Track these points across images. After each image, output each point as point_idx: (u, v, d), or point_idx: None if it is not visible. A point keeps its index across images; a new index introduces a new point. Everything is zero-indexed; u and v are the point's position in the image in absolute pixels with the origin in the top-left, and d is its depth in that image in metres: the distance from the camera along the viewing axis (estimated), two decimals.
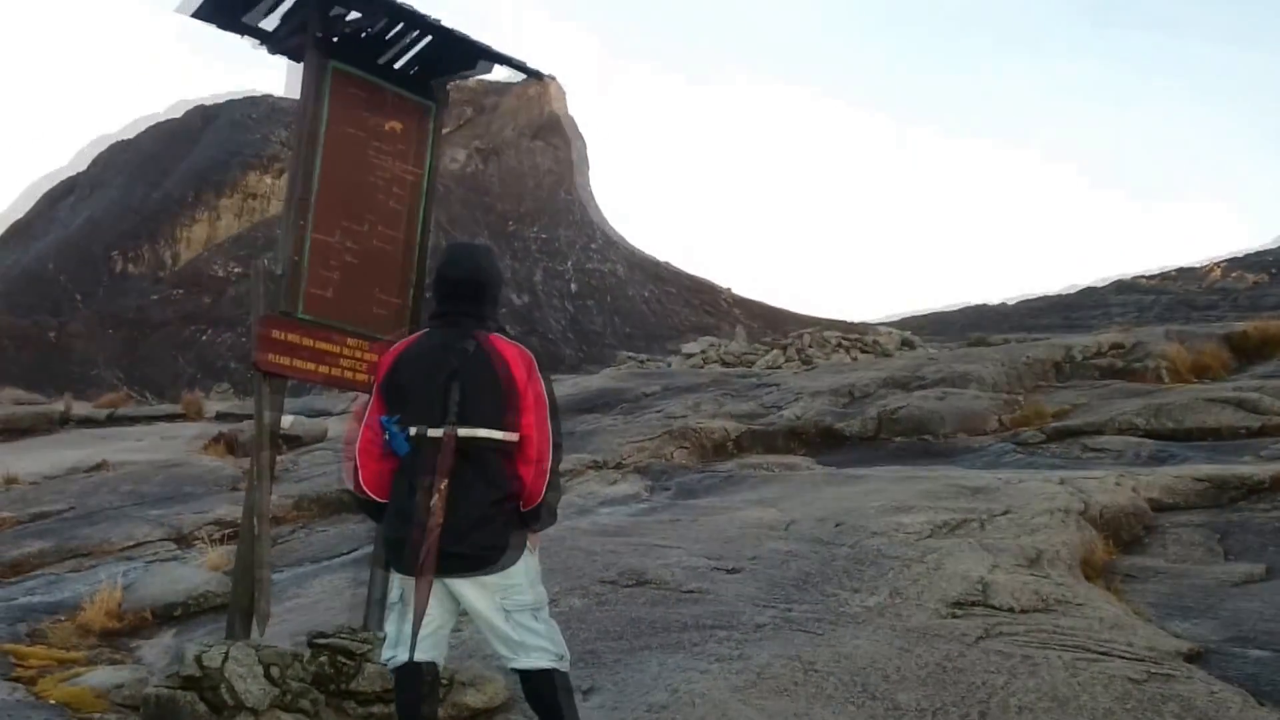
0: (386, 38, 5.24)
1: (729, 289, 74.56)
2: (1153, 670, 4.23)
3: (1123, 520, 6.94)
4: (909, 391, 13.66)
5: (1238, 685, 4.15)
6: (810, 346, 23.27)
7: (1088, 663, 4.29)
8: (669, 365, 24.48)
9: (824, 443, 12.24)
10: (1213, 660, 4.53)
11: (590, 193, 68.13)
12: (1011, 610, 5.02)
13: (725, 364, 23.13)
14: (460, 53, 5.40)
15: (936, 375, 14.35)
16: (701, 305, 66.49)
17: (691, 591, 5.72)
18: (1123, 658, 4.37)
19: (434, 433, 3.40)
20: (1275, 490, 7.59)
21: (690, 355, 25.29)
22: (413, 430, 3.43)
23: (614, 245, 65.97)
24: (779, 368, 20.85)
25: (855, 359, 21.42)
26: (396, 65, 5.36)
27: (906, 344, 24.59)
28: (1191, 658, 4.52)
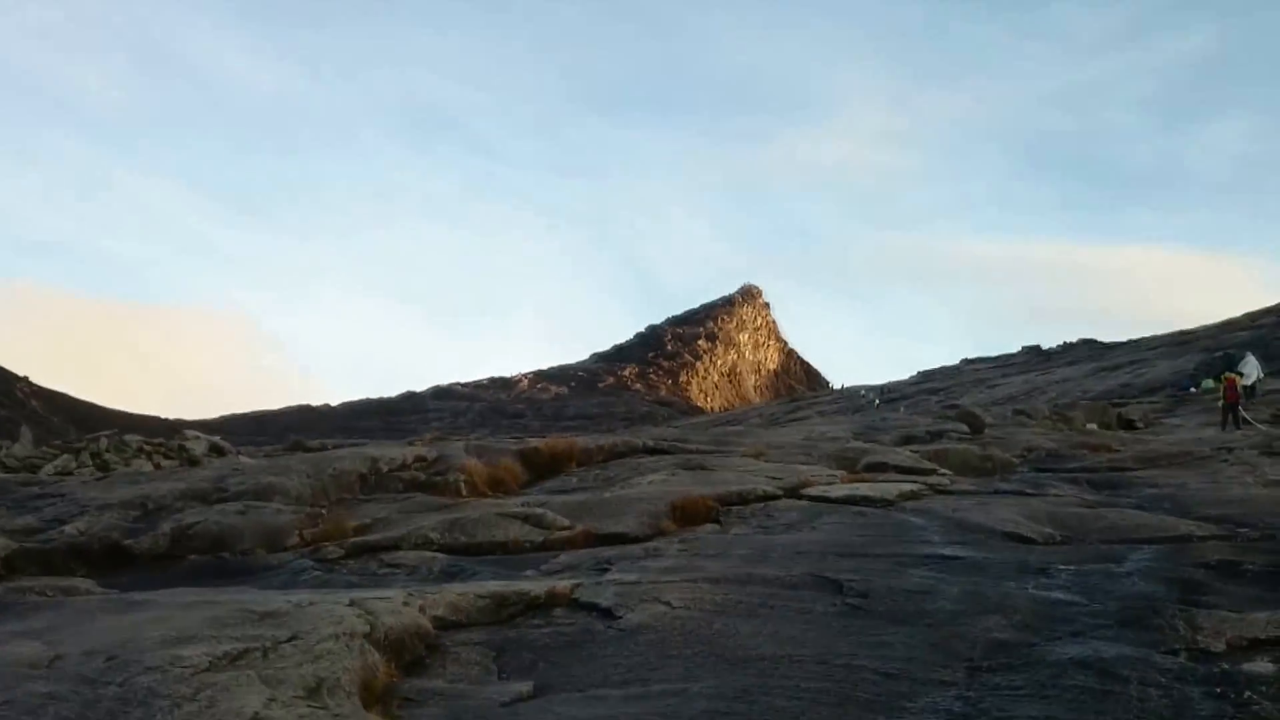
0: None
1: (26, 377, 67.24)
2: None
3: (407, 641, 6.95)
4: (210, 505, 13.12)
5: None
6: (108, 451, 21.63)
7: None
8: None
9: (111, 562, 11.28)
10: None
11: None
12: None
13: (7, 469, 20.73)
14: None
15: (241, 487, 13.94)
16: None
17: None
18: None
19: None
20: (550, 605, 8.07)
21: None
22: None
23: None
24: (70, 474, 19.15)
25: (159, 466, 20.36)
26: None
27: (216, 450, 23.78)
28: None
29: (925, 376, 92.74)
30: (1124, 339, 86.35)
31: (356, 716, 5.43)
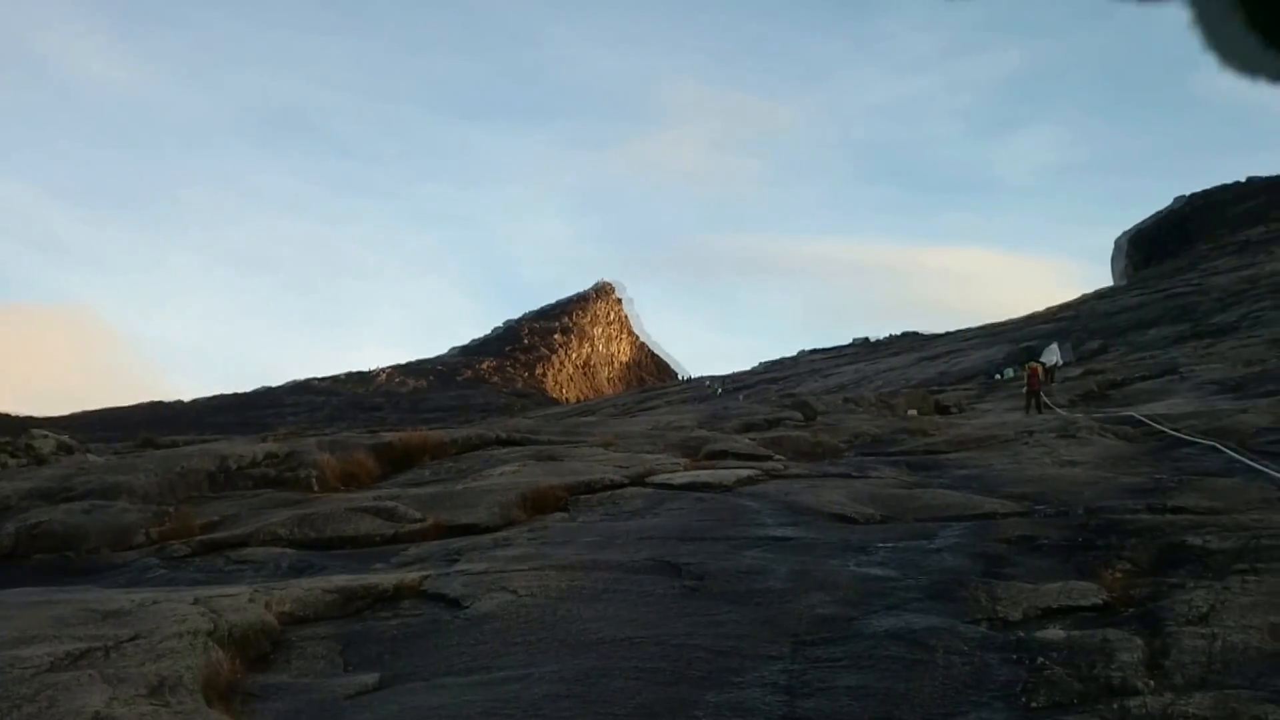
0: None
1: None
2: None
3: (252, 637, 7.05)
4: (56, 504, 12.88)
5: None
6: None
7: None
8: None
9: None
10: None
11: None
12: None
13: None
14: None
15: (87, 486, 13.70)
16: None
17: None
18: None
19: None
20: (398, 597, 8.21)
21: None
22: None
23: None
24: None
25: (5, 465, 19.66)
26: None
27: (65, 448, 22.98)
28: None
29: (767, 367, 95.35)
30: (943, 331, 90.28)
31: (199, 714, 5.50)
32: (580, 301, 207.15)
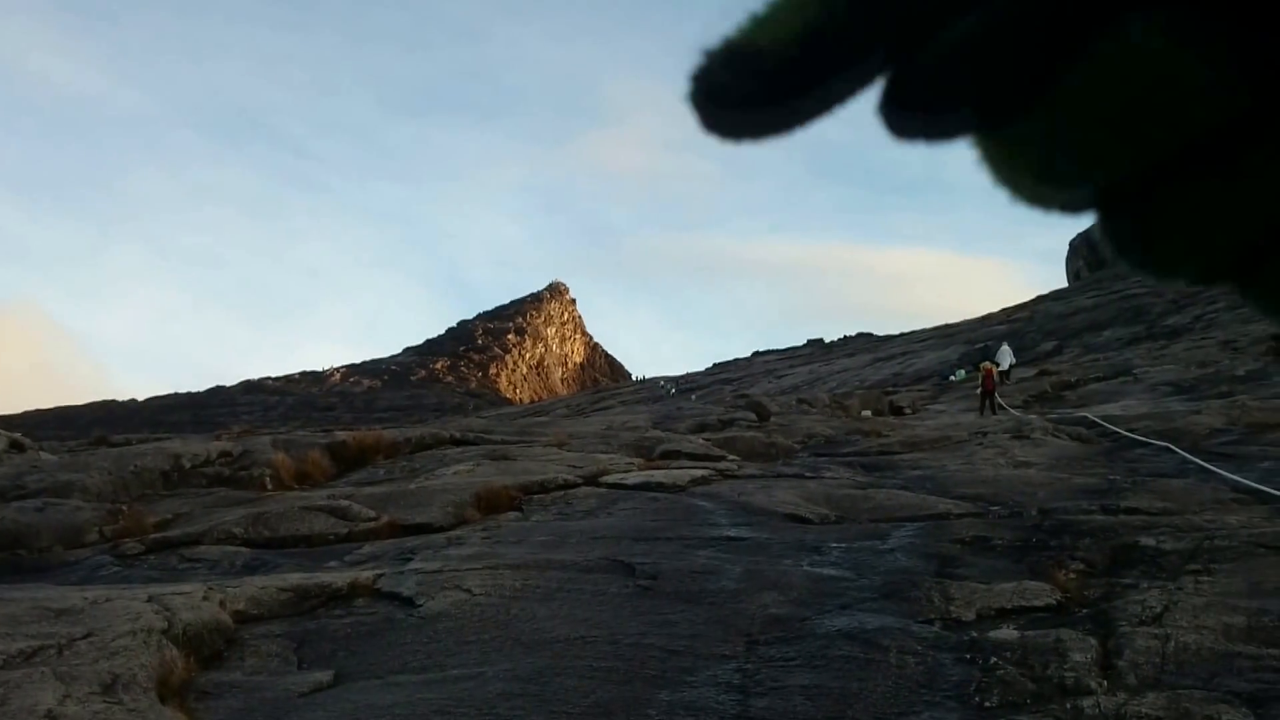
0: None
1: None
2: None
3: (205, 636, 7.00)
4: (7, 502, 12.71)
5: None
6: None
7: None
8: None
9: None
10: None
11: None
12: None
13: None
14: None
15: (40, 484, 13.55)
16: None
17: None
18: None
19: None
20: (352, 596, 8.16)
21: None
22: None
23: None
24: None
25: None
26: None
27: (16, 446, 22.60)
28: None
29: (720, 368, 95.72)
30: (896, 332, 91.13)
31: (152, 711, 5.48)
32: (533, 302, 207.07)
